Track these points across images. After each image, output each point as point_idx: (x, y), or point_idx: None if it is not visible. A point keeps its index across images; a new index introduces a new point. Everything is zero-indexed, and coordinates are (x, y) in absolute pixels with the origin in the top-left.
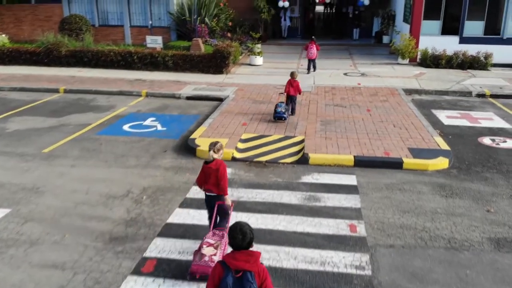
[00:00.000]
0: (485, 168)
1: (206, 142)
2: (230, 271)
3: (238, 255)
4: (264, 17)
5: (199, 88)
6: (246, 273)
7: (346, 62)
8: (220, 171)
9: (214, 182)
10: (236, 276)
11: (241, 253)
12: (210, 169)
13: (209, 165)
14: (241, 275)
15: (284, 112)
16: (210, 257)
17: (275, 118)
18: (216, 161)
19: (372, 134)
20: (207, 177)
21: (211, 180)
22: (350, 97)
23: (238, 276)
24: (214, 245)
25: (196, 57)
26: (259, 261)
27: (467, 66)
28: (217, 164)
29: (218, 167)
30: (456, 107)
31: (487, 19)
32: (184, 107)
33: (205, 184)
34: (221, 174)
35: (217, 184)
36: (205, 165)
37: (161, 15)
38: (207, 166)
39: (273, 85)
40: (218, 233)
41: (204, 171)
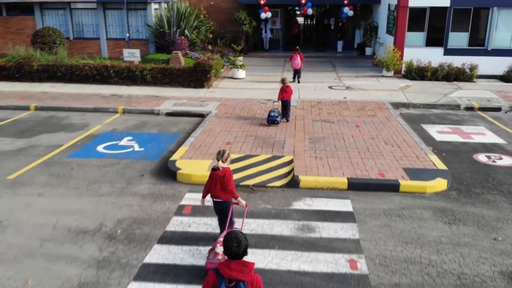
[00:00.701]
0: (486, 189)
1: (187, 165)
2: (224, 280)
3: (233, 264)
4: (245, 29)
5: (179, 103)
6: (239, 283)
7: (330, 75)
8: (226, 177)
9: (220, 188)
10: (230, 285)
11: (236, 263)
12: (217, 176)
13: (217, 172)
14: (234, 285)
15: (277, 116)
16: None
17: (268, 122)
18: (224, 169)
19: (364, 152)
20: (214, 183)
21: (218, 186)
22: (337, 111)
23: (232, 285)
24: None
25: (176, 70)
26: (253, 271)
27: (452, 78)
28: (224, 171)
29: (224, 173)
30: (445, 121)
31: (472, 30)
32: (164, 124)
33: (211, 191)
34: (227, 179)
35: (224, 189)
36: (213, 172)
37: (139, 27)
38: (215, 173)
39: (257, 100)
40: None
41: (211, 178)
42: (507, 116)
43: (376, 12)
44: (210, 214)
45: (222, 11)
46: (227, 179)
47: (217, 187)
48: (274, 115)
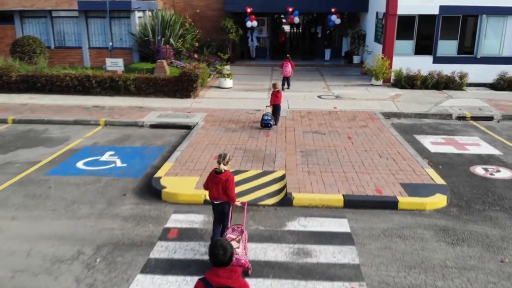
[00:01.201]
0: (487, 205)
1: (173, 182)
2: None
3: (221, 272)
4: (232, 37)
5: (164, 114)
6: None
7: (319, 84)
8: (228, 181)
9: (222, 192)
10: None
11: (224, 270)
12: (220, 180)
13: (219, 176)
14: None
15: (270, 119)
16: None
17: (262, 125)
18: (226, 172)
19: (359, 166)
20: (216, 186)
21: (220, 189)
22: (328, 122)
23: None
24: (236, 239)
25: (161, 80)
26: (241, 277)
27: (442, 86)
28: (227, 175)
29: (227, 178)
30: (438, 131)
31: (460, 38)
32: (148, 137)
33: (212, 193)
34: (230, 183)
35: (225, 193)
36: (215, 174)
37: (122, 35)
38: (217, 176)
39: (245, 110)
40: (237, 229)
41: (212, 180)
42: (499, 126)
43: (363, 20)
44: (197, 238)
45: (208, 19)
46: (229, 183)
47: (219, 190)
48: (268, 119)
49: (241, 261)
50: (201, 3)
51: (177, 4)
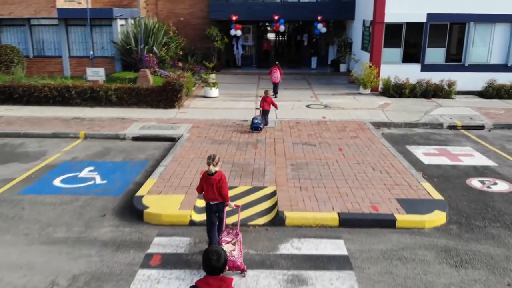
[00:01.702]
0: (487, 222)
1: (156, 202)
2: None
3: (211, 280)
4: (217, 45)
5: (147, 126)
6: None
7: (307, 92)
8: (221, 180)
9: (217, 192)
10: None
11: (214, 279)
12: (213, 180)
13: (212, 177)
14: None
15: (260, 123)
16: (230, 253)
17: (252, 129)
18: (218, 173)
19: (352, 180)
20: (210, 187)
21: (214, 190)
22: (317, 133)
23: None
24: (231, 242)
25: (144, 90)
26: (232, 286)
27: (431, 94)
28: (219, 175)
29: (220, 177)
30: (430, 141)
31: (448, 46)
32: (130, 151)
33: (207, 195)
34: (222, 184)
35: (219, 193)
36: (208, 176)
37: (104, 44)
38: (210, 178)
39: (232, 120)
40: (232, 232)
41: (206, 182)
42: (491, 135)
43: (349, 28)
44: (182, 265)
45: (192, 27)
46: (222, 183)
47: (214, 190)
48: (258, 122)
49: (237, 263)
50: (185, 11)
51: (161, 12)
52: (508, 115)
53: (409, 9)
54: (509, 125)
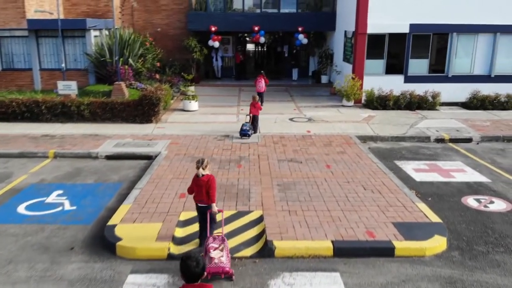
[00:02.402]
0: (490, 246)
1: (130, 232)
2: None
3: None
4: (196, 56)
5: (122, 143)
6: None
7: (289, 105)
8: (210, 182)
9: (205, 193)
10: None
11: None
12: (202, 182)
13: (201, 179)
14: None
15: (248, 130)
16: (219, 259)
17: (240, 135)
18: (208, 175)
19: (343, 202)
20: (199, 189)
21: (203, 191)
22: (303, 148)
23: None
24: (219, 248)
25: (119, 104)
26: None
27: (415, 106)
28: (208, 177)
29: (208, 179)
30: (419, 156)
31: (431, 57)
32: (103, 171)
33: (196, 196)
34: (211, 183)
35: (207, 194)
36: (197, 178)
37: (77, 56)
38: (200, 179)
39: (213, 136)
40: (218, 237)
41: (196, 184)
42: (480, 148)
43: (330, 39)
44: None
45: (170, 38)
46: (211, 183)
47: (203, 192)
48: (246, 129)
49: (226, 269)
50: (162, 22)
51: (137, 23)
52: (494, 127)
53: (392, 19)
54: (497, 138)
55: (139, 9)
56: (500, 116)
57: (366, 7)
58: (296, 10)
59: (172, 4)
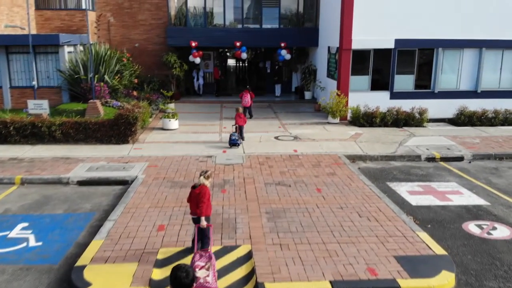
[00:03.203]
0: (500, 281)
1: (101, 274)
2: None
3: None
4: (176, 73)
5: (95, 167)
6: None
7: (274, 122)
8: (201, 194)
9: (195, 204)
10: None
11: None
12: (194, 194)
13: (195, 190)
14: None
15: (237, 139)
16: (204, 279)
17: (230, 145)
18: (201, 187)
19: (339, 232)
20: (192, 200)
21: (194, 203)
22: (290, 169)
23: None
24: (205, 267)
25: (93, 124)
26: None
27: (402, 123)
28: (200, 189)
29: (200, 191)
30: (411, 176)
31: (417, 72)
32: (74, 199)
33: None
34: (201, 196)
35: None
36: (192, 189)
37: (50, 73)
38: (193, 191)
39: (195, 157)
40: (205, 255)
41: (191, 196)
42: (473, 167)
43: (313, 55)
44: None
45: (149, 54)
46: (202, 196)
47: (194, 204)
48: (235, 139)
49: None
50: (140, 37)
51: (114, 38)
52: (484, 144)
53: (377, 35)
54: (489, 156)
55: (116, 24)
56: (488, 133)
57: (351, 22)
58: (278, 25)
59: (150, 19)
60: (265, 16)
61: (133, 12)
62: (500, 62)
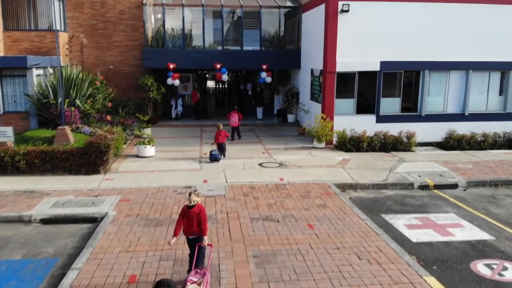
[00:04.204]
0: None
1: None
2: None
3: None
4: (153, 96)
5: (62, 202)
6: None
7: (257, 147)
8: (201, 213)
9: (197, 225)
10: None
11: None
12: (193, 213)
13: (192, 210)
14: None
15: (218, 154)
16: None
17: (211, 160)
18: (198, 205)
19: (338, 280)
20: (190, 221)
21: (194, 223)
22: (278, 201)
23: None
24: (197, 282)
25: (61, 153)
26: None
27: (390, 147)
28: (199, 208)
29: (200, 210)
30: (407, 207)
31: (403, 95)
32: (35, 242)
33: (187, 229)
34: (202, 215)
35: (199, 226)
36: (188, 209)
37: (17, 97)
38: (190, 211)
39: (173, 188)
40: (200, 272)
41: (186, 216)
42: (469, 195)
43: (295, 77)
44: None
45: (124, 76)
46: (202, 215)
47: (194, 224)
48: (216, 154)
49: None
50: (115, 59)
51: (87, 60)
52: (478, 170)
53: (362, 57)
54: (483, 182)
55: (90, 45)
56: (479, 157)
57: (335, 45)
58: (259, 47)
59: (126, 41)
60: (245, 38)
61: (108, 33)
62: (487, 84)
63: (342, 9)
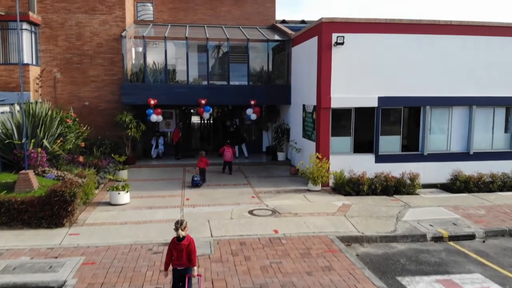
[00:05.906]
0: None
1: None
2: None
3: None
4: (131, 134)
5: (13, 266)
6: None
7: (245, 190)
8: (191, 245)
9: (186, 257)
10: None
11: None
12: (183, 246)
13: (181, 243)
14: None
15: (199, 180)
16: None
17: (192, 185)
18: (187, 237)
19: None
20: (179, 253)
21: (184, 255)
22: (274, 262)
23: None
24: None
25: (19, 203)
26: None
27: (392, 190)
28: (188, 240)
29: (189, 242)
30: (424, 266)
31: (404, 133)
32: None
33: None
34: (193, 248)
35: (189, 258)
36: (177, 242)
37: None
38: (180, 244)
39: (147, 245)
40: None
41: (175, 249)
42: (490, 249)
43: (285, 113)
44: None
45: (100, 113)
46: (192, 247)
47: (183, 256)
48: (197, 180)
49: None
50: (91, 94)
51: (60, 96)
52: (492, 217)
53: (358, 92)
54: (503, 232)
55: (64, 80)
56: (490, 201)
57: (329, 79)
58: (247, 82)
59: (103, 75)
60: (232, 72)
61: (83, 67)
62: (492, 121)
63: (336, 41)
